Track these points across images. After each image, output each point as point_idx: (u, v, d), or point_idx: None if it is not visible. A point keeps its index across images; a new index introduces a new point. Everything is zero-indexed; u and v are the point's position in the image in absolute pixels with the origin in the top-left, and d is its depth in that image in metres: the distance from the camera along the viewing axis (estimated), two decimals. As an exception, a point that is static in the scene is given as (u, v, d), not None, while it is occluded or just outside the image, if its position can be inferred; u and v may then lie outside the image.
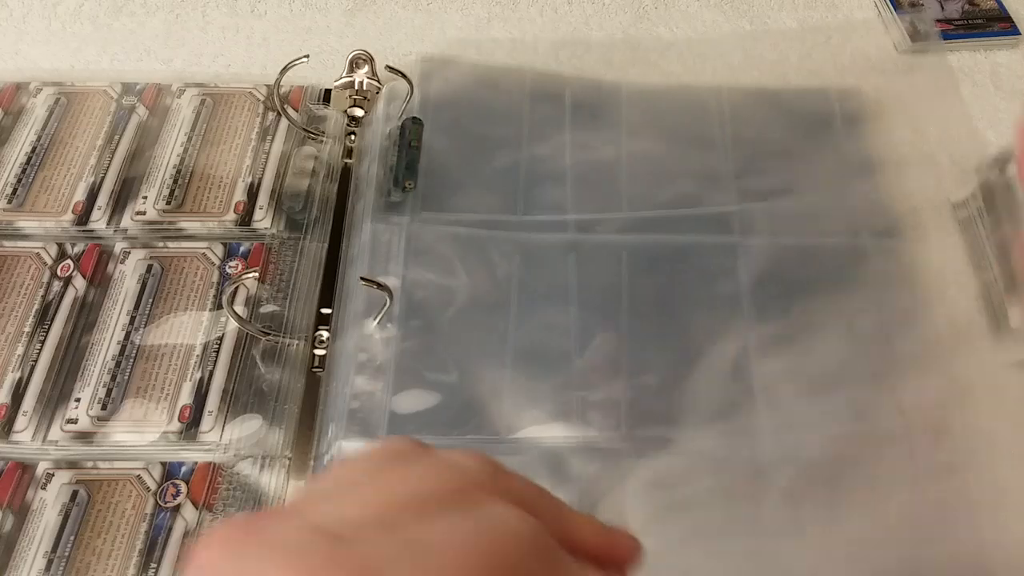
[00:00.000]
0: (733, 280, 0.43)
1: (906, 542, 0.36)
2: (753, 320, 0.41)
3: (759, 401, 0.39)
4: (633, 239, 0.44)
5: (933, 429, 0.38)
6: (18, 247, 0.44)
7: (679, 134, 0.48)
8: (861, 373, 0.40)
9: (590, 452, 0.38)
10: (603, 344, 0.41)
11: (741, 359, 0.40)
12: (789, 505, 0.36)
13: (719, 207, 0.45)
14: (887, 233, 0.45)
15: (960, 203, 0.46)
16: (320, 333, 0.41)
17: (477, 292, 0.42)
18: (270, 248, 0.43)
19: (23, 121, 0.48)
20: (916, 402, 0.39)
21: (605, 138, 0.48)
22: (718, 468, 0.37)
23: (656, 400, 0.39)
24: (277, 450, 0.38)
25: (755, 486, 0.37)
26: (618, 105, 0.50)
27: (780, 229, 0.44)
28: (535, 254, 0.44)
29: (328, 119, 0.49)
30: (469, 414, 0.39)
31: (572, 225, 0.45)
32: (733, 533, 0.36)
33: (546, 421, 0.39)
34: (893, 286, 0.43)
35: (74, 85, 0.50)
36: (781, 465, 0.37)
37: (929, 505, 0.37)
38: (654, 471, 0.37)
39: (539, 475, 0.37)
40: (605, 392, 0.39)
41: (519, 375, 0.40)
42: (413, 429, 0.38)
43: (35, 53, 0.53)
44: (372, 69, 0.50)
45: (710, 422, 0.39)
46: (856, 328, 0.41)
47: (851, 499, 0.37)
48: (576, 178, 0.46)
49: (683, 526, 0.36)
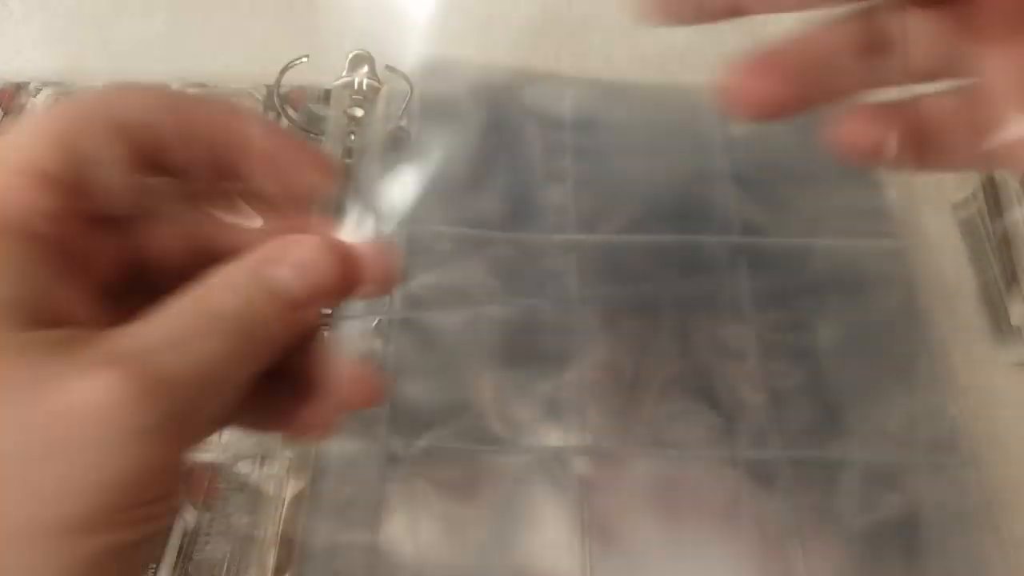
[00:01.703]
0: (733, 280, 0.43)
1: (907, 541, 0.36)
2: (753, 320, 0.41)
3: (760, 401, 0.39)
4: (633, 239, 0.44)
5: (933, 429, 0.38)
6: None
7: (678, 134, 0.48)
8: (861, 374, 0.40)
9: (590, 453, 0.38)
10: (603, 345, 0.41)
11: (741, 360, 0.40)
12: (790, 505, 0.36)
13: (718, 207, 0.45)
14: (887, 233, 0.45)
15: (960, 203, 0.46)
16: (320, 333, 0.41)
17: (477, 292, 0.42)
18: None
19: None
20: (916, 402, 0.39)
21: (605, 138, 0.48)
22: (719, 468, 0.37)
23: (656, 400, 0.39)
24: (277, 450, 0.38)
25: (756, 486, 0.37)
26: (618, 105, 0.50)
27: (780, 229, 0.44)
28: (535, 254, 0.44)
29: (328, 119, 0.49)
30: (468, 414, 0.39)
31: (572, 225, 0.45)
32: (735, 533, 0.36)
33: (546, 422, 0.39)
34: (893, 286, 0.43)
35: (74, 85, 0.50)
36: (782, 466, 0.37)
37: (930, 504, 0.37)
38: (655, 472, 0.37)
39: (539, 477, 0.37)
40: (605, 392, 0.39)
41: (519, 376, 0.40)
42: (413, 429, 0.38)
43: (35, 53, 0.53)
44: (372, 69, 0.50)
45: (710, 422, 0.39)
46: (856, 329, 0.41)
47: (851, 499, 0.37)
48: (576, 178, 0.46)
49: (684, 527, 0.36)
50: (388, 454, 0.38)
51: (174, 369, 0.15)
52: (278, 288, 0.18)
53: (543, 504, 0.36)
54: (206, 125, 0.18)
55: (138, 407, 0.15)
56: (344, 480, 0.37)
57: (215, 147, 0.18)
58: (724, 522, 0.36)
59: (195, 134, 0.18)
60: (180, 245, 0.20)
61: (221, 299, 0.17)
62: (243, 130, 0.19)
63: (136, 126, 0.17)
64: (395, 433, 0.38)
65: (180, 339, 0.16)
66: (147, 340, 0.16)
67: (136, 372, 0.15)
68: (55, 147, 0.16)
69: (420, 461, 0.37)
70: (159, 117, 0.18)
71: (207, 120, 0.18)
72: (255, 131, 0.19)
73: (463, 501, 0.37)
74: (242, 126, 0.19)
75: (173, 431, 0.15)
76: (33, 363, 0.15)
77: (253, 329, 0.17)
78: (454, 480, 0.37)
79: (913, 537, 0.36)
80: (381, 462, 0.37)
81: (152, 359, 0.15)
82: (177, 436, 0.16)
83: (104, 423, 0.14)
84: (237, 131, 0.19)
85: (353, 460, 0.37)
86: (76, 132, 0.17)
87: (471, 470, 0.37)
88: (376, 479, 0.37)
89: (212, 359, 0.16)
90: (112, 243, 0.18)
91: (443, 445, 0.38)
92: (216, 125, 0.18)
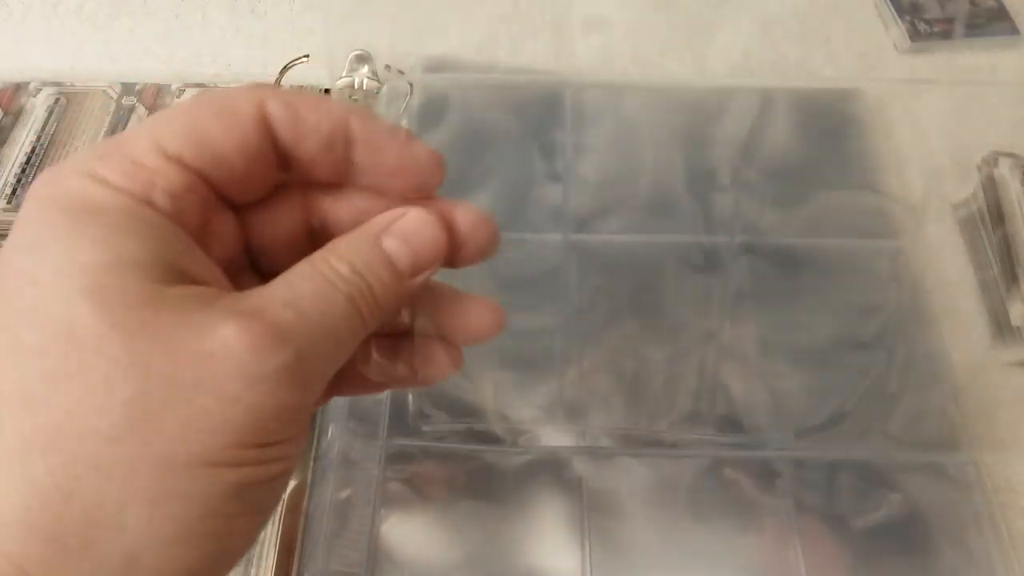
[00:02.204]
0: (732, 280, 0.43)
1: (907, 541, 0.36)
2: (753, 320, 0.41)
3: (760, 401, 0.39)
4: (633, 239, 0.44)
5: (933, 429, 0.38)
6: (18, 247, 0.44)
7: (678, 134, 0.48)
8: (861, 373, 0.40)
9: (590, 453, 0.38)
10: (603, 345, 0.41)
11: (741, 360, 0.40)
12: (790, 505, 0.36)
13: (718, 207, 0.45)
14: (887, 233, 0.45)
15: (960, 203, 0.46)
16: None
17: (476, 292, 0.42)
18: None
19: (23, 121, 0.48)
20: (916, 402, 0.39)
21: (605, 138, 0.48)
22: (719, 469, 0.37)
23: (657, 401, 0.39)
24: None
25: (756, 486, 0.37)
26: (618, 105, 0.50)
27: (779, 229, 0.44)
28: (535, 254, 0.44)
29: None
30: (468, 415, 0.39)
31: (572, 225, 0.45)
32: (735, 534, 0.36)
33: (546, 422, 0.39)
34: (893, 286, 0.43)
35: (74, 85, 0.50)
36: (782, 466, 0.37)
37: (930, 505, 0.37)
38: (655, 472, 0.37)
39: (539, 476, 0.37)
40: (605, 393, 0.39)
41: (519, 376, 0.40)
42: (413, 429, 0.38)
43: (35, 53, 0.53)
44: (372, 69, 0.50)
45: (711, 422, 0.39)
46: (856, 328, 0.41)
47: (851, 499, 0.37)
48: (576, 178, 0.46)
49: (684, 527, 0.36)
50: (388, 454, 0.38)
51: (297, 323, 0.17)
52: (393, 254, 0.20)
53: (543, 504, 0.36)
54: (327, 124, 0.20)
55: (262, 354, 0.17)
56: (344, 480, 0.37)
57: (334, 146, 0.20)
58: (724, 522, 0.36)
59: (314, 131, 0.20)
60: (298, 226, 0.21)
61: (339, 263, 0.19)
62: (363, 129, 0.20)
63: (255, 128, 0.19)
64: (395, 433, 0.38)
65: (303, 298, 0.18)
66: (272, 300, 0.18)
67: (263, 324, 0.17)
68: (189, 138, 0.18)
69: (420, 461, 0.37)
70: (281, 118, 0.19)
71: (321, 112, 0.20)
72: (367, 126, 0.20)
73: (463, 501, 0.37)
74: (362, 125, 0.20)
75: (294, 379, 0.17)
76: (184, 311, 0.17)
77: (370, 291, 0.19)
78: (454, 480, 0.37)
79: (913, 537, 0.36)
80: (381, 462, 0.37)
81: (278, 313, 0.17)
82: (299, 384, 0.17)
83: (234, 366, 0.16)
84: (357, 131, 0.20)
85: (353, 460, 0.38)
86: (209, 126, 0.19)
87: (471, 470, 0.37)
88: (376, 479, 0.37)
89: (332, 317, 0.18)
90: (233, 225, 0.20)
91: (443, 445, 0.38)
92: (336, 124, 0.20)
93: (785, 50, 0.53)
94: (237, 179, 0.19)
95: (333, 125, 0.20)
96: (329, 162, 0.20)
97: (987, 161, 0.46)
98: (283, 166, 0.20)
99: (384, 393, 0.39)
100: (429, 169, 0.21)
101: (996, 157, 0.45)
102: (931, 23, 0.53)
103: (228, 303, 0.17)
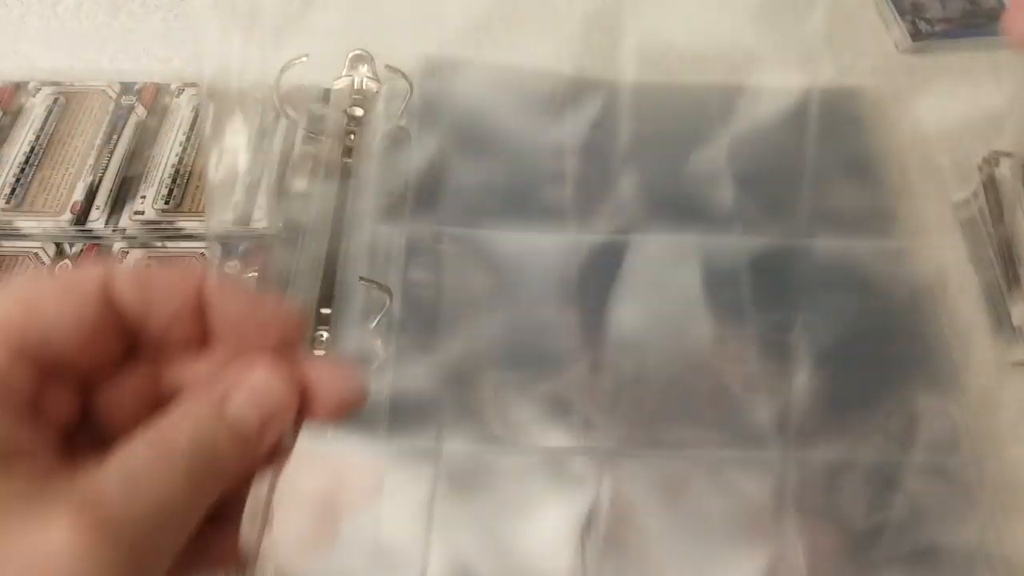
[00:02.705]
0: (732, 280, 0.43)
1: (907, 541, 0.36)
2: (753, 320, 0.41)
3: (760, 401, 0.39)
4: (632, 239, 0.44)
5: (933, 429, 0.38)
6: (16, 247, 0.43)
7: (679, 133, 0.48)
8: (861, 374, 0.40)
9: (590, 453, 0.38)
10: (604, 345, 0.41)
11: (741, 360, 0.40)
12: (791, 505, 0.36)
13: (718, 207, 0.45)
14: (887, 233, 0.45)
15: (961, 203, 0.46)
16: (320, 333, 0.41)
17: (477, 292, 0.42)
18: (269, 248, 0.43)
19: (22, 121, 0.48)
20: (917, 402, 0.39)
21: (605, 138, 0.48)
22: (720, 468, 0.37)
23: (657, 401, 0.39)
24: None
25: (756, 486, 0.37)
26: (619, 105, 0.49)
27: (780, 229, 0.44)
28: (535, 254, 0.44)
29: (328, 119, 0.49)
30: (468, 415, 0.39)
31: (572, 225, 0.45)
32: (735, 534, 0.36)
33: (546, 422, 0.38)
34: (894, 286, 0.43)
35: (73, 85, 0.50)
36: (783, 466, 0.37)
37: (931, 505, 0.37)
38: (655, 472, 0.37)
39: (539, 477, 0.37)
40: (606, 393, 0.39)
41: (519, 376, 0.40)
42: (413, 430, 0.38)
43: (34, 53, 0.53)
44: (372, 69, 0.50)
45: (711, 422, 0.39)
46: (856, 328, 0.41)
47: (852, 499, 0.37)
48: (576, 178, 0.46)
49: (684, 527, 0.36)
50: (388, 453, 0.38)
51: (131, 510, 0.16)
52: (236, 418, 0.18)
53: (543, 504, 0.36)
54: (178, 297, 0.19)
55: (96, 552, 0.15)
56: (344, 480, 0.37)
57: (186, 316, 0.19)
58: (724, 522, 0.36)
59: (159, 299, 0.19)
60: (140, 388, 0.20)
61: (178, 435, 0.18)
62: (218, 296, 0.20)
63: (95, 301, 0.19)
64: (395, 433, 0.38)
65: (138, 478, 0.17)
66: (105, 482, 0.16)
67: (93, 517, 0.16)
68: (21, 311, 0.18)
69: (419, 461, 0.37)
70: (128, 296, 0.19)
71: (171, 286, 0.19)
72: (220, 295, 0.20)
73: (463, 501, 0.36)
74: (217, 293, 0.20)
75: (134, 570, 0.16)
76: (6, 507, 0.16)
77: (213, 462, 0.18)
78: (454, 480, 0.37)
79: (913, 537, 0.36)
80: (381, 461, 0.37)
81: (110, 502, 0.16)
82: (139, 573, 0.16)
83: (66, 569, 0.15)
84: (212, 298, 0.20)
85: (353, 460, 0.37)
86: (45, 299, 0.18)
87: (471, 470, 0.37)
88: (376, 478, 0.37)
89: (172, 496, 0.17)
90: (70, 393, 0.19)
91: (443, 445, 0.38)
92: (187, 297, 0.19)
93: (785, 50, 0.53)
94: (75, 352, 0.18)
95: (184, 298, 0.19)
96: (182, 330, 0.20)
97: (988, 161, 0.46)
98: (134, 337, 0.20)
99: (382, 394, 0.39)
100: (288, 329, 0.20)
101: (997, 157, 0.45)
102: (932, 23, 0.53)
103: (57, 492, 0.16)
